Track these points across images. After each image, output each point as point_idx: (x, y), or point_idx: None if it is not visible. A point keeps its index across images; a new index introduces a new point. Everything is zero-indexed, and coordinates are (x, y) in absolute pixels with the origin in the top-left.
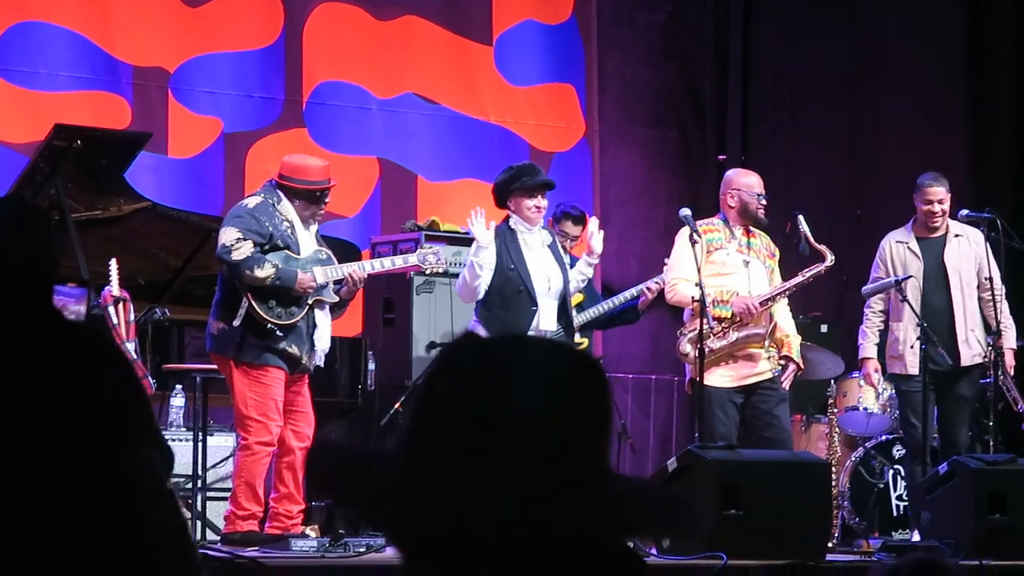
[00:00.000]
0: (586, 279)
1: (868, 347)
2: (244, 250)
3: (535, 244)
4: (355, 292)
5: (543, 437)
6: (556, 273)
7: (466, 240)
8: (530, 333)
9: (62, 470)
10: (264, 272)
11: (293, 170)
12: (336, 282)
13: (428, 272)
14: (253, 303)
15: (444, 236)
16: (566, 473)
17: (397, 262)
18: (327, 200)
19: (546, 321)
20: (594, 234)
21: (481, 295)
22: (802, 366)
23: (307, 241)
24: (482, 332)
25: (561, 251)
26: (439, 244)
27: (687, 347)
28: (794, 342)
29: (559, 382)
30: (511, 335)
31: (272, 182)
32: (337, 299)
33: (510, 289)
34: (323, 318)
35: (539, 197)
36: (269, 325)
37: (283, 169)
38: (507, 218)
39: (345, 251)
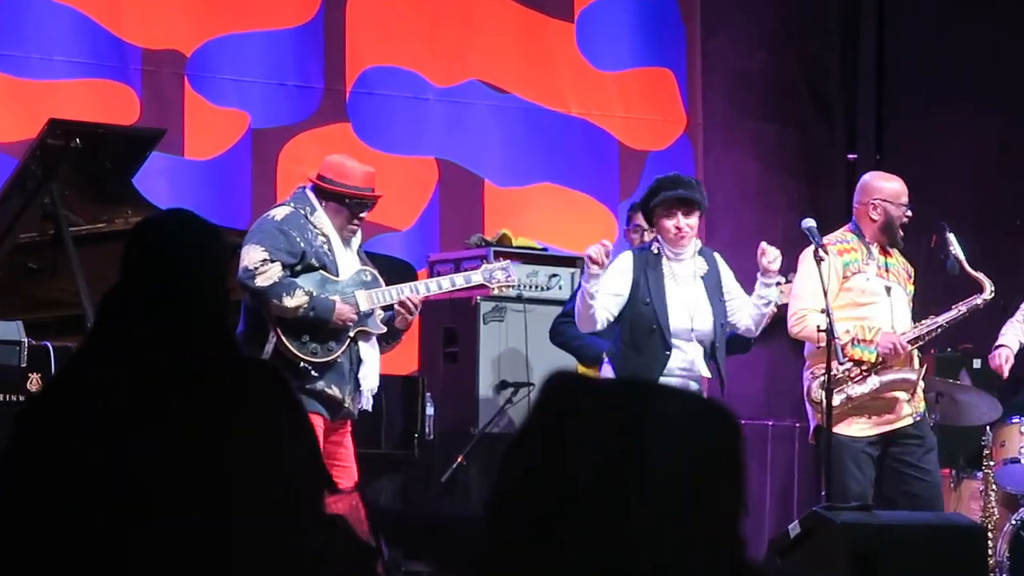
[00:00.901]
0: (769, 303)
1: (1009, 336)
2: (271, 274)
3: (684, 274)
4: (410, 321)
5: (667, 502)
6: (704, 311)
7: (544, 258)
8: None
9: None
10: (295, 301)
11: (333, 169)
12: (385, 308)
13: (495, 290)
14: (283, 338)
15: (517, 253)
16: (693, 543)
17: (458, 282)
18: (363, 215)
19: (700, 367)
20: (766, 250)
21: (600, 325)
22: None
23: (348, 260)
24: (608, 373)
25: (726, 282)
26: (511, 263)
27: (820, 393)
28: (921, 396)
29: (686, 437)
30: (630, 378)
31: (304, 189)
32: (386, 329)
33: (643, 327)
34: (369, 352)
35: (679, 215)
36: (302, 364)
37: (322, 169)
38: (653, 240)
39: (398, 271)
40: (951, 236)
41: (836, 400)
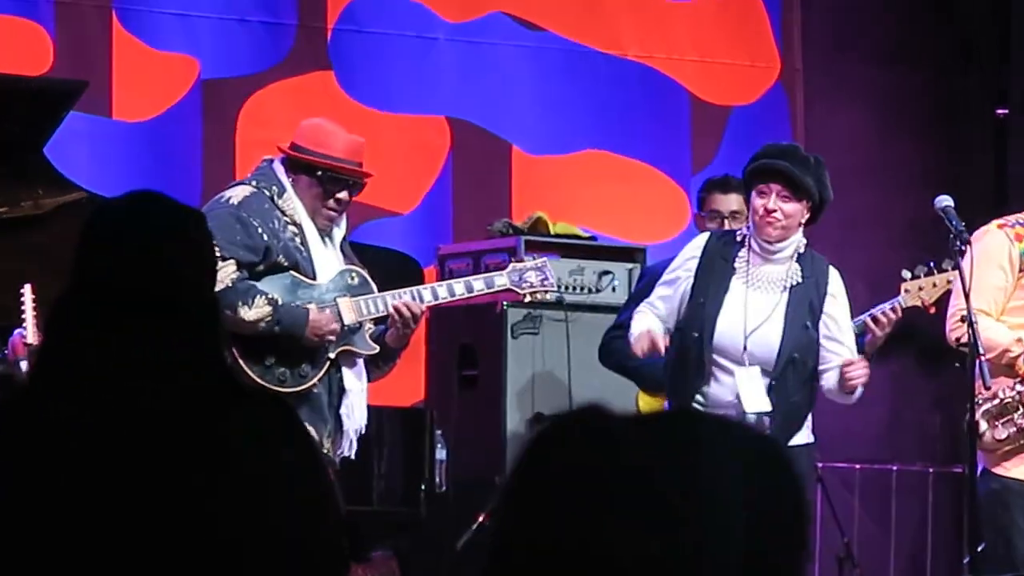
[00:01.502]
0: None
1: None
2: (222, 276)
3: (767, 278)
4: (408, 336)
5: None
6: (771, 330)
7: (591, 249)
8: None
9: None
10: (255, 312)
11: (308, 135)
12: (376, 321)
13: (527, 298)
14: (240, 360)
15: (556, 243)
16: None
17: (477, 287)
18: (341, 196)
19: (749, 401)
20: (849, 371)
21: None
22: None
23: (327, 256)
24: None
25: (831, 313)
26: (549, 256)
27: (984, 424)
28: None
29: (729, 485)
30: (671, 411)
31: (271, 162)
32: (378, 349)
33: (688, 334)
34: (355, 380)
35: (773, 194)
36: None
37: (296, 135)
38: (747, 224)
39: (397, 269)
40: None
41: (1004, 433)
